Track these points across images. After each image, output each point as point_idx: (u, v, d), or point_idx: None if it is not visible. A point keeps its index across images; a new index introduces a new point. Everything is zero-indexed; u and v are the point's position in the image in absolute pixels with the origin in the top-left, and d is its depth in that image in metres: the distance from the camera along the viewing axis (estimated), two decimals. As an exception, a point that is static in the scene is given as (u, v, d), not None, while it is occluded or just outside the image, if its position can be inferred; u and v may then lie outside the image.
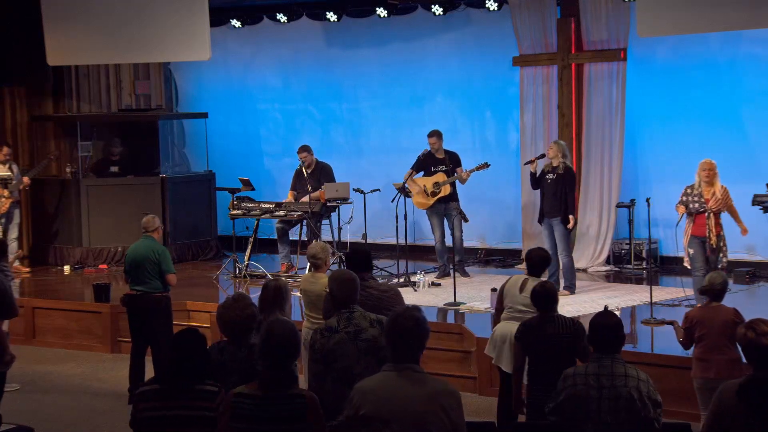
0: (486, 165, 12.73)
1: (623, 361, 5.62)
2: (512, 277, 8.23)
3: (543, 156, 12.17)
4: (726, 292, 7.57)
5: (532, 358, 6.89)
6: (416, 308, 5.08)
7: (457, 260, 12.73)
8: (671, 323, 7.82)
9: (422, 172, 12.93)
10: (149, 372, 9.62)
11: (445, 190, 12.74)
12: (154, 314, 9.57)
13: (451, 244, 12.90)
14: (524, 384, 7.22)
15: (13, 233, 14.08)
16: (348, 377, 5.78)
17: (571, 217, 11.63)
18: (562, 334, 6.73)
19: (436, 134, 12.79)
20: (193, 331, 5.43)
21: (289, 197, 13.63)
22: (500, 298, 8.18)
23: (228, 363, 5.89)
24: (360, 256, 7.23)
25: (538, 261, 8.02)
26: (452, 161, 12.77)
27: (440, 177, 12.78)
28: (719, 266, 10.19)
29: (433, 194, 12.80)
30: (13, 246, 13.88)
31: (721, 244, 10.30)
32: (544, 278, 8.16)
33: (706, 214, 10.30)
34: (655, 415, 5.55)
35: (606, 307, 6.19)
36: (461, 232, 12.79)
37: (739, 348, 5.41)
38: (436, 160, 12.82)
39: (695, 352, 7.51)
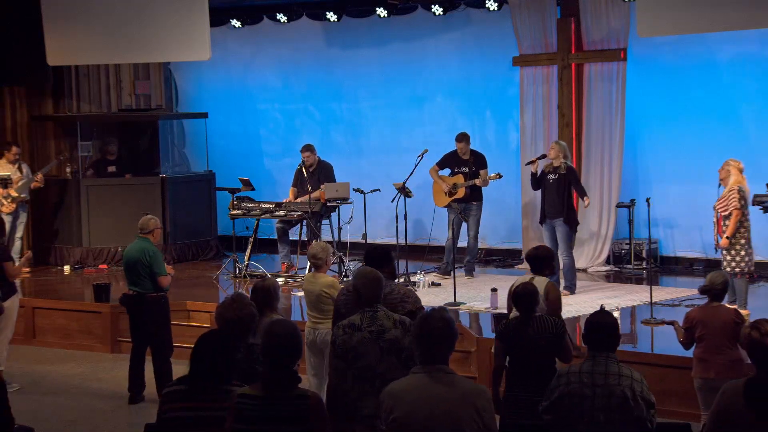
0: (498, 176, 12.77)
1: (617, 360, 5.62)
2: (518, 279, 8.17)
3: (544, 156, 12.18)
4: (726, 292, 7.55)
5: (512, 358, 6.86)
6: (444, 309, 5.03)
7: (466, 260, 12.92)
8: (671, 323, 7.81)
9: (448, 170, 12.98)
10: (148, 372, 9.62)
11: (461, 193, 12.78)
12: (149, 314, 9.56)
13: (461, 245, 13.03)
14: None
15: (18, 232, 14.08)
16: (369, 376, 5.78)
17: (586, 198, 11.75)
18: (542, 334, 6.66)
19: (463, 139, 12.84)
20: (220, 332, 5.42)
21: (290, 194, 13.65)
22: (509, 298, 8.11)
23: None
24: (378, 255, 7.02)
25: (533, 258, 7.98)
26: (476, 163, 12.79)
27: (459, 179, 12.84)
28: (727, 269, 10.16)
29: (450, 194, 12.86)
30: (17, 245, 13.89)
31: (729, 247, 10.21)
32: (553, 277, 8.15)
33: (716, 213, 10.30)
34: (648, 415, 5.53)
35: (602, 307, 6.17)
36: (476, 233, 12.83)
37: (741, 348, 5.40)
38: (461, 161, 12.86)
39: (695, 352, 7.50)
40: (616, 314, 9.65)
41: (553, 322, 6.70)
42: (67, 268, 14.43)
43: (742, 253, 10.17)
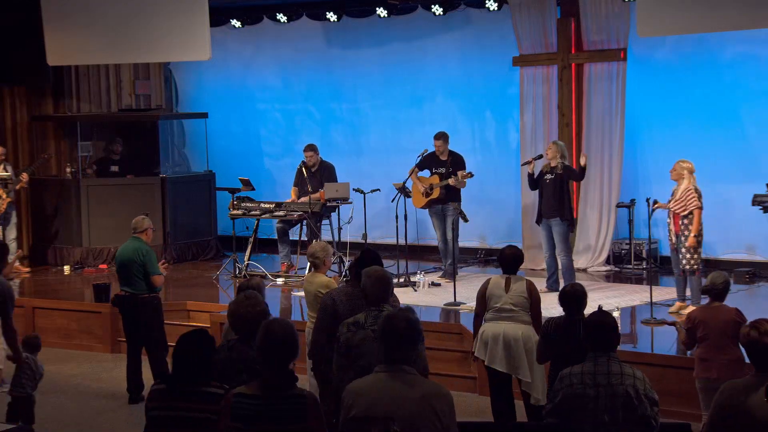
0: (470, 174, 12.68)
1: (618, 359, 5.62)
2: (491, 278, 8.11)
3: (540, 157, 12.19)
4: (728, 291, 7.54)
5: (554, 358, 6.89)
6: (410, 309, 5.08)
7: (448, 263, 12.75)
8: (673, 324, 7.80)
9: (427, 172, 12.94)
10: (146, 372, 9.62)
11: (436, 193, 12.73)
12: (142, 315, 9.56)
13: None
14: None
15: (12, 234, 14.10)
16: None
17: (583, 156, 11.86)
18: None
19: (442, 137, 12.77)
20: (201, 332, 5.44)
21: (292, 194, 13.66)
22: (482, 301, 8.04)
23: (236, 361, 5.89)
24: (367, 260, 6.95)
25: (511, 259, 8.00)
26: (454, 164, 12.74)
27: (435, 179, 12.79)
28: (687, 267, 10.37)
29: (426, 194, 12.81)
30: (12, 246, 13.89)
31: (680, 245, 10.36)
32: (528, 277, 8.17)
33: (670, 213, 10.47)
34: (652, 413, 5.55)
35: (600, 307, 6.18)
36: (456, 233, 12.75)
37: (742, 347, 5.39)
38: (438, 162, 12.81)
39: (697, 352, 7.50)
40: (616, 314, 9.66)
41: None
42: (67, 268, 14.43)
43: (697, 250, 10.32)
